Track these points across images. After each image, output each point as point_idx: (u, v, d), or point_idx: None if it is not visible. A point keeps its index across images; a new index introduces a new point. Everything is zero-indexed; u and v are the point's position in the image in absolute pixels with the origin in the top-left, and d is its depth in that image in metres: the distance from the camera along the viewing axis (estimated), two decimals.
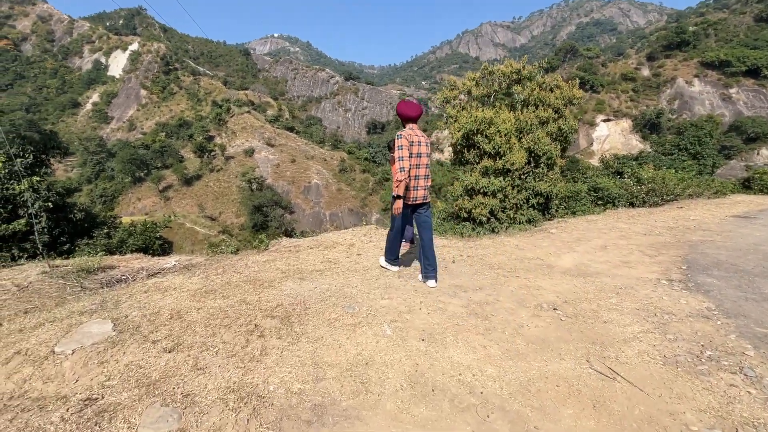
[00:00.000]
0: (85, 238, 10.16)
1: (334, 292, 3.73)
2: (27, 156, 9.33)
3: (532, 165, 9.13)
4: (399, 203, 3.82)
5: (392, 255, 4.40)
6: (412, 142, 3.79)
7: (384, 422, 2.12)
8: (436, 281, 4.03)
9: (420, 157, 3.85)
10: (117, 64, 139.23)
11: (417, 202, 3.97)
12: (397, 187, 3.74)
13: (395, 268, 4.46)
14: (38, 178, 9.35)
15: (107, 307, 3.51)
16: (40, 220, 9.26)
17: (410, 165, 3.79)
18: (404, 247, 5.36)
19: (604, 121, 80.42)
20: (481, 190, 8.62)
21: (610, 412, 2.25)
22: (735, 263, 4.85)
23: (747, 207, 9.95)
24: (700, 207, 9.51)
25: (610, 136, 78.17)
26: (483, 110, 9.06)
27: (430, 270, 4.04)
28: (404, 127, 3.94)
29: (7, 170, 8.87)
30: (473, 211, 8.75)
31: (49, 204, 9.37)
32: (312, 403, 2.23)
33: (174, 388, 2.29)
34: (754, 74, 72.81)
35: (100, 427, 2.01)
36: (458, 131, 9.19)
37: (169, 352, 2.67)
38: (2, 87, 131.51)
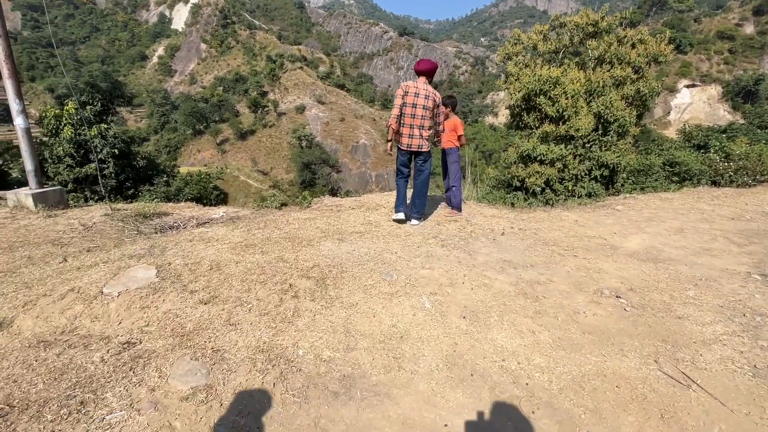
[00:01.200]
0: (147, 185, 10.85)
1: (373, 256, 3.56)
2: (95, 104, 9.88)
3: (600, 132, 8.16)
4: (387, 145, 4.43)
5: (399, 202, 4.61)
6: (407, 92, 4.17)
7: (416, 404, 1.96)
8: (418, 221, 4.55)
9: (415, 107, 4.17)
10: (179, 17, 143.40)
11: (411, 149, 4.31)
12: (387, 131, 4.37)
13: (398, 216, 4.54)
14: (105, 126, 9.93)
15: (154, 252, 3.61)
16: (108, 165, 9.94)
17: (403, 113, 4.20)
18: (451, 214, 5.05)
19: (688, 86, 71.06)
20: (538, 158, 7.90)
21: (682, 426, 1.91)
22: None
23: None
24: None
25: (693, 105, 69.26)
26: (549, 68, 8.09)
27: (413, 211, 4.60)
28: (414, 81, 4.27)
29: (78, 116, 9.48)
30: (527, 180, 8.09)
31: (116, 150, 9.99)
32: (341, 373, 2.12)
33: (206, 342, 2.27)
34: None
35: (134, 372, 2.04)
36: (518, 91, 8.34)
37: (205, 304, 2.67)
38: (81, 39, 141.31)
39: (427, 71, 4.28)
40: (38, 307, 2.68)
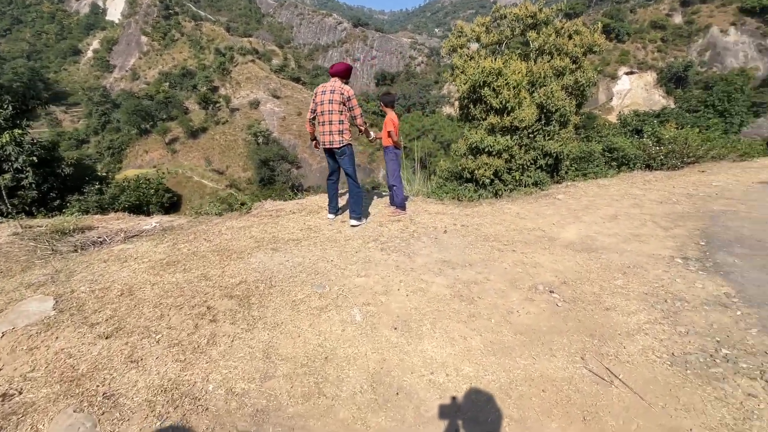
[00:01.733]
0: (76, 194, 9.91)
1: (307, 266, 3.37)
2: (5, 107, 8.83)
3: (543, 122, 8.38)
4: (313, 143, 4.61)
5: (329, 202, 4.81)
6: (316, 92, 4.30)
7: None
8: (357, 222, 4.51)
9: (323, 104, 4.23)
10: (115, 7, 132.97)
11: (325, 146, 4.37)
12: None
13: (331, 216, 4.77)
14: (20, 131, 8.92)
15: (58, 279, 3.22)
16: (26, 175, 8.96)
17: (314, 113, 4.37)
18: (394, 214, 4.94)
19: (627, 73, 75.73)
20: (486, 149, 7.99)
21: (603, 428, 1.91)
22: (761, 239, 4.35)
23: None
24: (724, 171, 8.77)
25: (632, 91, 73.98)
26: (492, 60, 8.17)
27: (351, 212, 4.57)
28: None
29: None
30: (476, 171, 8.18)
31: (34, 158, 9.01)
32: (254, 407, 1.93)
33: (98, 386, 2.00)
34: None
35: None
36: (464, 83, 8.37)
37: (107, 338, 2.37)
38: (1, 32, 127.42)
39: (338, 72, 4.31)
40: None
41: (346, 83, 4.38)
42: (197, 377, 2.08)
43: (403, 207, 5.02)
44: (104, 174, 14.07)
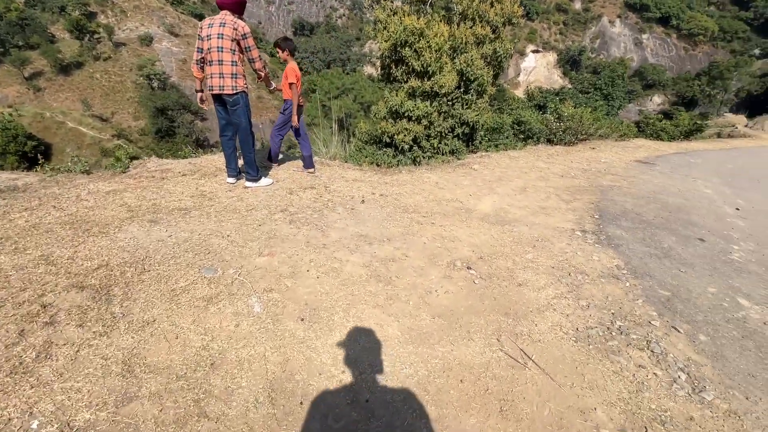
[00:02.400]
0: None
1: (195, 244, 2.77)
2: None
3: (462, 90, 8.37)
4: (197, 95, 3.86)
5: (226, 163, 4.06)
6: (202, 26, 3.58)
7: None
8: (253, 183, 4.01)
9: (210, 39, 3.53)
10: None
11: (213, 91, 3.67)
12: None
13: (231, 180, 4.10)
14: None
15: None
16: None
17: (202, 49, 3.58)
18: (303, 171, 4.52)
19: (534, 52, 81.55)
20: (406, 114, 7.72)
21: (519, 416, 1.84)
22: (639, 213, 4.88)
23: (647, 152, 10.67)
24: (609, 149, 9.90)
25: (536, 69, 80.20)
26: (415, 18, 7.74)
27: (245, 171, 4.03)
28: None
29: None
30: (396, 137, 7.92)
31: None
32: None
33: None
34: (665, 22, 77.93)
35: None
36: (386, 41, 7.84)
37: None
38: None
39: (230, 4, 3.57)
40: None
41: (240, 19, 3.63)
42: (14, 411, 1.48)
43: (311, 165, 4.61)
44: None
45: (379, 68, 9.25)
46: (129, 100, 62.38)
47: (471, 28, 8.86)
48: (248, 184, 4.01)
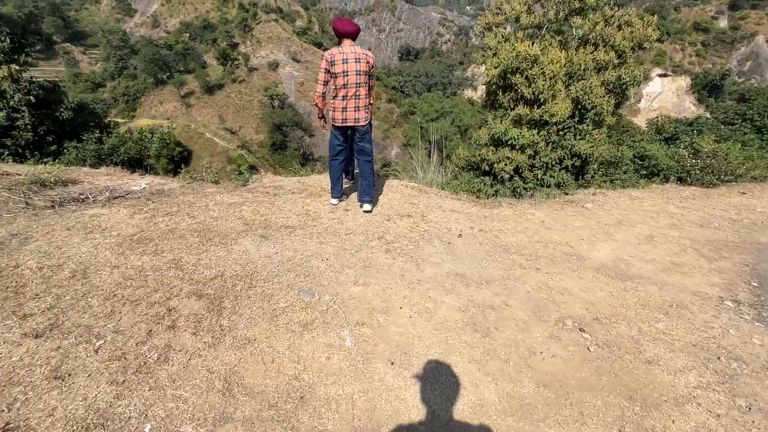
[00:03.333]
0: (74, 141, 9.44)
1: (297, 264, 2.88)
2: (3, 39, 8.25)
3: (576, 119, 7.67)
4: (319, 122, 4.02)
5: (332, 185, 4.16)
6: (334, 61, 3.56)
7: None
8: (370, 206, 4.08)
9: (347, 75, 3.57)
10: None
11: (347, 124, 3.75)
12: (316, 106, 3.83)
13: (334, 201, 4.18)
14: (17, 67, 8.38)
15: (9, 245, 2.76)
16: (22, 115, 8.48)
17: (334, 85, 3.64)
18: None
19: (661, 75, 72.52)
20: (509, 142, 7.34)
21: None
22: None
23: None
24: (766, 196, 8.05)
25: (663, 94, 71.02)
26: (530, 45, 7.38)
27: (363, 195, 4.07)
28: (339, 45, 3.68)
29: None
30: (496, 165, 7.56)
31: (31, 98, 8.50)
32: None
33: (3, 413, 1.55)
34: None
35: None
36: (495, 67, 7.60)
37: (36, 337, 1.92)
38: None
39: (354, 33, 3.66)
40: None
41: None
42: (133, 411, 1.63)
43: (352, 177, 4.75)
44: (108, 122, 13.55)
45: (485, 94, 9.03)
46: (254, 116, 71.74)
47: (592, 53, 8.15)
48: (366, 207, 4.07)
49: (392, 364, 2.10)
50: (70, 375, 1.74)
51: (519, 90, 7.41)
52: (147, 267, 2.61)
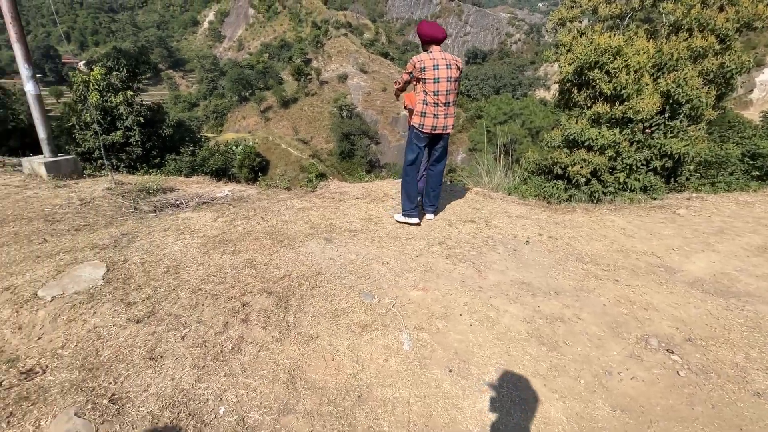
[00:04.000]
0: (173, 154, 10.81)
1: (358, 267, 2.97)
2: (121, 70, 9.75)
3: (667, 115, 6.86)
4: (405, 101, 3.73)
5: (409, 203, 3.78)
6: (425, 67, 3.41)
7: None
8: (433, 215, 4.02)
9: (438, 82, 3.44)
10: None
11: (436, 131, 3.61)
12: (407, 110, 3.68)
13: (414, 220, 3.81)
14: (132, 93, 9.83)
15: (121, 243, 3.24)
16: (134, 133, 9.91)
17: (427, 91, 3.49)
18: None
19: None
20: (586, 143, 6.82)
21: None
22: None
23: None
24: None
25: None
26: (610, 36, 6.80)
27: (428, 204, 4.00)
28: (426, 51, 3.52)
29: (106, 82, 9.42)
30: (570, 168, 7.06)
31: (141, 119, 9.91)
32: None
33: (110, 384, 1.82)
34: None
35: (9, 421, 1.63)
36: (569, 64, 7.14)
37: (138, 322, 2.23)
38: (139, 5, 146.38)
39: (443, 39, 3.54)
40: None
41: None
42: (211, 394, 1.80)
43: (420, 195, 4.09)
44: (200, 136, 15.28)
45: (557, 93, 8.50)
46: (324, 126, 75.59)
47: (686, 40, 7.26)
48: (430, 216, 4.03)
49: (450, 371, 2.05)
50: (161, 357, 1.99)
51: (597, 86, 6.87)
52: (226, 265, 2.88)
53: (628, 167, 6.73)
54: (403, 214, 3.83)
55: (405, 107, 3.87)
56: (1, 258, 3.06)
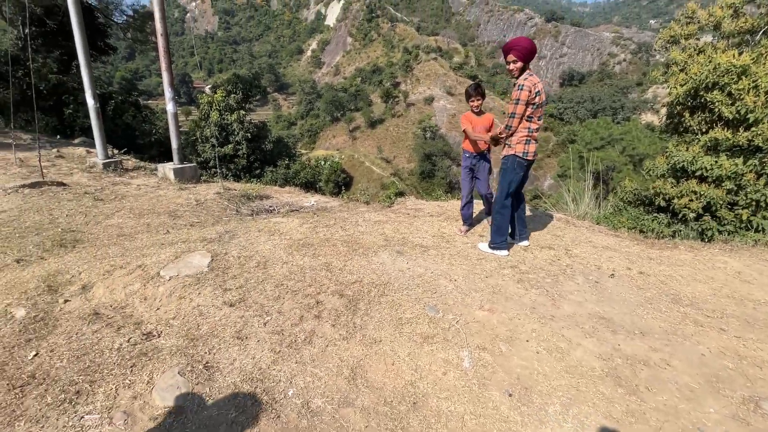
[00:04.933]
0: (271, 166, 12.12)
1: (426, 280, 3.03)
2: (237, 93, 11.34)
3: None
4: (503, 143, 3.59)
5: (501, 235, 3.62)
6: (539, 91, 3.24)
7: None
8: (528, 242, 3.90)
9: (542, 106, 3.34)
10: (332, 13, 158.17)
11: (534, 157, 3.49)
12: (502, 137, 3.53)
13: (504, 253, 3.61)
14: (243, 112, 11.33)
15: (223, 239, 3.77)
16: (242, 147, 11.34)
17: (540, 115, 3.36)
18: (462, 230, 4.20)
19: None
20: (698, 173, 6.05)
21: None
22: None
23: None
24: None
25: None
26: (734, 54, 6.01)
27: (524, 233, 3.90)
28: (525, 71, 3.31)
29: (225, 103, 11.03)
30: (676, 201, 6.29)
31: (248, 135, 11.33)
32: None
33: (205, 354, 2.14)
34: None
35: (133, 371, 2.02)
36: (681, 85, 6.45)
37: (231, 306, 2.58)
38: (256, 37, 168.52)
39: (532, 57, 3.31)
40: (112, 278, 2.97)
41: None
42: (282, 376, 2.02)
43: (471, 224, 4.32)
44: (295, 152, 16.86)
45: (665, 117, 7.69)
46: (407, 147, 77.46)
47: None
48: (526, 243, 3.92)
49: (510, 395, 1.99)
50: (246, 338, 2.28)
51: (716, 109, 6.10)
52: (306, 266, 3.18)
53: (754, 203, 5.78)
54: (491, 246, 3.65)
55: (465, 132, 3.95)
56: (137, 242, 3.78)
